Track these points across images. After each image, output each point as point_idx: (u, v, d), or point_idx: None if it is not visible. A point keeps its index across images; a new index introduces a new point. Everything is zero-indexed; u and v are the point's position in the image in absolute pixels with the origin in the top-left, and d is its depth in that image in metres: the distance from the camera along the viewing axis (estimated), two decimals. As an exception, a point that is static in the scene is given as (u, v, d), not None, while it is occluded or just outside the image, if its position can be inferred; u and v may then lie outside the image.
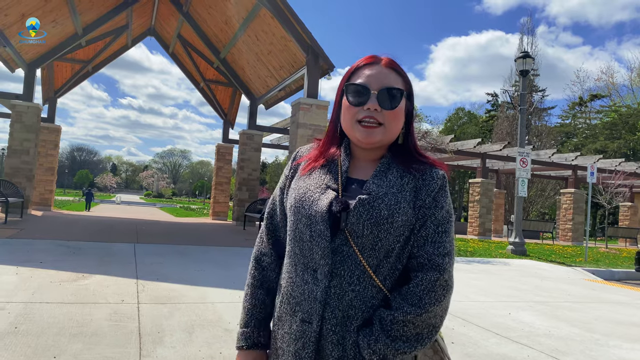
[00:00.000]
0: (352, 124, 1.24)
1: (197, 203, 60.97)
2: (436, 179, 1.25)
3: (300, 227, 1.24)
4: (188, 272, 6.38)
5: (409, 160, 1.27)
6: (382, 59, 1.27)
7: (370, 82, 1.23)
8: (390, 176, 1.24)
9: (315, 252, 1.21)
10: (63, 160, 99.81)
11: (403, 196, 1.21)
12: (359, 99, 1.23)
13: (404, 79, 1.28)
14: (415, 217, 1.21)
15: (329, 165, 1.31)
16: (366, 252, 1.18)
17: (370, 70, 1.25)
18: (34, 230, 9.79)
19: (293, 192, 1.30)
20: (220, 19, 13.91)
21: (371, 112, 1.21)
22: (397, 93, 1.23)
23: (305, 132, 10.67)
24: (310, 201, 1.24)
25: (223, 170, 19.29)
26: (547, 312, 5.66)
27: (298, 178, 1.34)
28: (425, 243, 1.20)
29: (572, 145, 43.05)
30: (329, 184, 1.26)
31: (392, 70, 1.26)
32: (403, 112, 1.26)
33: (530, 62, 13.17)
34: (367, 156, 1.29)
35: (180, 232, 12.35)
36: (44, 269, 5.81)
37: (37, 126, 13.61)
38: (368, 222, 1.17)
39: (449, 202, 1.26)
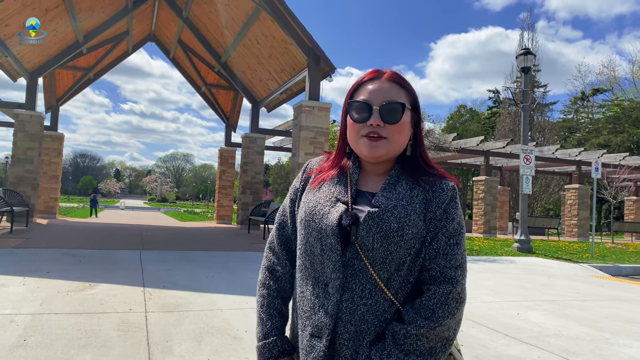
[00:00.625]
0: (357, 139, 1.25)
1: (201, 206, 61.05)
2: (446, 190, 1.25)
3: (310, 240, 1.24)
4: (195, 279, 6.38)
5: (418, 172, 1.28)
6: (384, 73, 1.28)
7: (372, 98, 1.23)
8: (400, 188, 1.24)
9: (326, 265, 1.21)
10: (66, 167, 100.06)
11: (413, 208, 1.21)
12: (361, 115, 1.24)
13: (408, 90, 1.28)
14: (426, 230, 1.21)
15: (339, 178, 1.31)
16: (377, 265, 1.18)
17: (372, 86, 1.26)
18: (40, 239, 9.81)
19: (303, 206, 1.31)
20: (220, 23, 13.92)
21: (374, 128, 1.22)
22: (398, 107, 1.23)
23: (308, 135, 10.66)
24: (321, 215, 1.24)
25: (226, 173, 19.30)
26: (556, 311, 5.63)
27: (308, 191, 1.34)
28: (437, 255, 1.20)
29: (575, 140, 42.93)
30: (338, 197, 1.26)
31: (394, 83, 1.27)
32: (408, 124, 1.26)
33: (531, 58, 13.13)
34: (376, 169, 1.30)
35: (186, 238, 12.36)
36: (51, 279, 5.82)
37: (41, 135, 13.64)
38: (378, 235, 1.17)
39: (459, 214, 1.26)
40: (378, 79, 1.27)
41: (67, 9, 11.86)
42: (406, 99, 1.26)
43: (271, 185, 74.94)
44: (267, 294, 1.35)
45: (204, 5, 13.74)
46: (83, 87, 17.96)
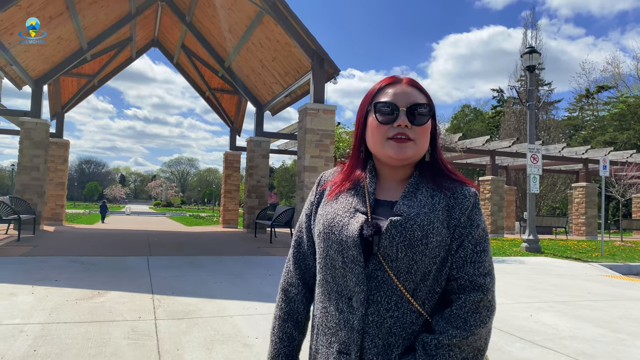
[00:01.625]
0: (382, 142, 1.22)
1: (207, 210, 61.11)
2: (469, 196, 1.22)
3: (331, 253, 1.21)
4: (203, 285, 6.35)
5: (438, 179, 1.25)
6: (402, 79, 1.27)
7: (398, 100, 1.21)
8: (420, 196, 1.21)
9: (349, 279, 1.17)
10: (72, 173, 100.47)
11: (436, 216, 1.17)
12: (388, 116, 1.21)
13: (427, 96, 1.26)
14: (450, 237, 1.18)
15: (355, 188, 1.28)
16: (402, 276, 1.14)
17: (394, 89, 1.24)
18: (47, 246, 9.81)
19: (321, 218, 1.28)
20: (224, 28, 13.92)
21: (402, 129, 1.19)
22: (425, 110, 1.22)
23: (313, 137, 10.63)
24: (340, 226, 1.21)
25: (232, 177, 19.29)
26: (569, 312, 5.56)
27: (325, 203, 1.31)
28: (465, 264, 1.17)
29: (581, 138, 42.71)
30: (357, 207, 1.23)
31: (415, 88, 1.26)
32: (429, 128, 1.24)
33: (536, 57, 13.06)
34: (394, 176, 1.27)
35: (193, 242, 12.34)
36: (60, 287, 5.80)
37: (46, 142, 13.67)
38: (402, 245, 1.13)
39: (483, 220, 1.23)
40: (398, 84, 1.26)
41: (71, 16, 11.89)
42: (427, 101, 1.25)
43: (276, 188, 74.93)
44: (278, 315, 1.35)
45: (207, 10, 13.75)
46: (87, 93, 18.01)
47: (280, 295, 1.37)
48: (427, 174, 1.25)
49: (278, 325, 1.33)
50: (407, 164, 1.24)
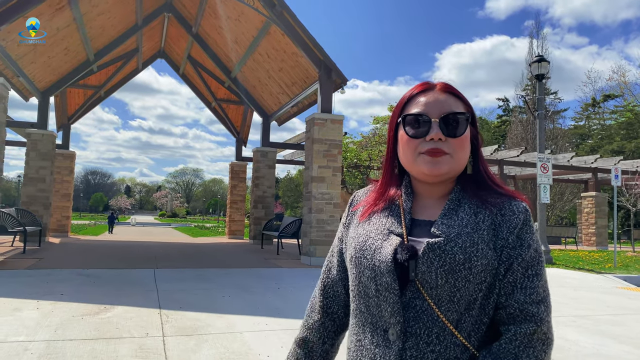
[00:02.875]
0: (414, 157, 1.09)
1: (212, 221, 61.04)
2: (517, 213, 1.07)
3: (363, 280, 1.08)
4: (211, 299, 6.20)
5: (482, 193, 1.11)
6: (436, 84, 1.14)
7: (429, 110, 1.09)
8: (462, 214, 1.07)
9: (384, 308, 1.04)
10: (78, 184, 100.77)
11: (480, 236, 1.03)
12: (419, 129, 1.08)
13: (464, 102, 1.13)
14: (497, 260, 1.04)
15: (390, 207, 1.16)
16: (443, 305, 1.01)
17: (426, 97, 1.11)
18: (53, 259, 9.70)
19: (352, 242, 1.15)
20: (230, 38, 13.89)
21: (435, 143, 1.06)
22: (461, 118, 1.09)
23: (321, 148, 10.53)
24: (373, 250, 1.08)
25: (237, 188, 19.18)
26: (590, 327, 5.38)
27: (357, 225, 1.19)
28: (515, 290, 1.02)
29: (588, 147, 42.45)
30: (391, 228, 1.10)
31: (450, 94, 1.12)
32: (468, 138, 1.11)
33: (545, 65, 12.94)
34: (433, 193, 1.14)
35: (199, 254, 12.21)
36: (65, 302, 5.67)
37: (52, 153, 13.63)
38: (441, 270, 1.00)
39: (536, 240, 1.08)
40: (431, 90, 1.12)
41: (78, 28, 11.89)
42: (464, 109, 1.12)
43: (281, 198, 74.82)
44: (295, 340, 1.27)
45: (213, 21, 13.74)
46: (94, 105, 18.03)
47: (303, 322, 1.27)
48: (470, 188, 1.11)
49: (292, 350, 1.26)
50: (442, 180, 1.11)
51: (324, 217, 10.35)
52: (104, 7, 12.24)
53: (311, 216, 10.32)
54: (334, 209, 10.50)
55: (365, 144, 16.28)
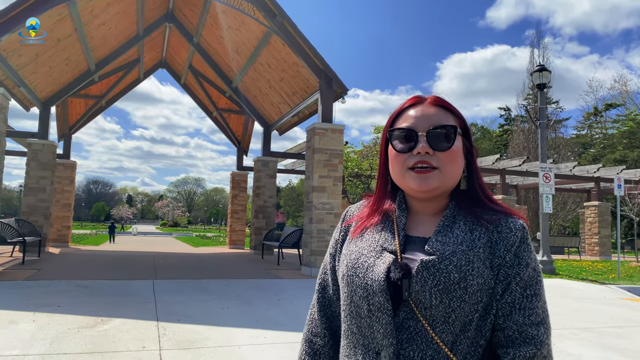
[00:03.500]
0: (402, 172, 1.07)
1: (213, 230, 60.93)
2: (515, 230, 1.03)
3: (355, 300, 1.04)
4: (210, 311, 6.13)
5: (478, 210, 1.07)
6: (426, 98, 1.12)
7: (417, 124, 1.06)
8: (457, 231, 1.03)
9: (376, 329, 0.99)
10: (79, 193, 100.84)
11: (475, 254, 0.99)
12: (406, 144, 1.06)
13: (456, 115, 1.10)
14: (494, 279, 1.00)
15: (384, 223, 1.12)
16: (438, 326, 0.96)
17: (414, 111, 1.09)
18: (52, 270, 9.64)
19: (344, 259, 1.11)
20: (231, 48, 13.92)
21: (423, 157, 1.04)
22: (449, 131, 1.05)
23: (322, 157, 10.49)
24: (365, 268, 1.04)
25: (238, 197, 19.12)
26: (594, 340, 5.29)
27: (349, 241, 1.15)
28: (513, 311, 0.98)
29: (590, 157, 42.34)
30: (384, 245, 1.07)
31: (440, 107, 1.09)
32: (461, 152, 1.07)
33: (547, 75, 12.92)
34: (427, 209, 1.10)
35: (199, 265, 12.14)
36: (62, 314, 5.61)
37: (53, 163, 13.62)
38: (436, 289, 0.96)
39: (534, 258, 1.03)
40: (420, 104, 1.10)
41: (79, 38, 11.92)
42: (455, 123, 1.08)
43: (282, 207, 74.72)
44: None
45: (214, 31, 13.78)
46: (95, 114, 18.04)
47: (304, 348, 1.20)
48: (465, 204, 1.08)
49: None
50: (435, 195, 1.07)
51: (324, 227, 10.29)
52: (105, 17, 12.28)
53: (312, 226, 10.26)
54: (335, 219, 10.43)
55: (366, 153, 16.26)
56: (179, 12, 14.53)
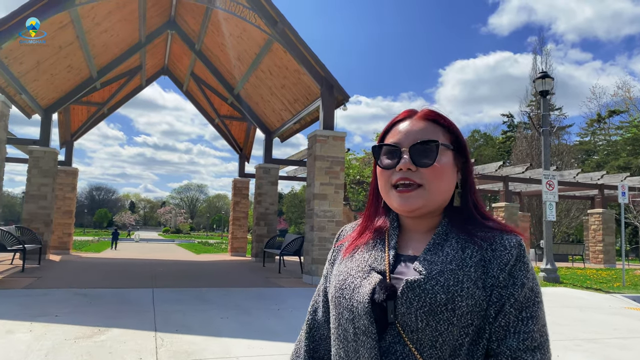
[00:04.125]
0: (387, 190, 1.03)
1: (215, 237, 60.91)
2: (509, 248, 0.97)
3: (342, 322, 0.99)
4: (208, 320, 6.06)
5: (471, 227, 1.01)
6: (417, 112, 1.07)
7: (402, 139, 1.03)
8: (448, 249, 0.98)
9: (362, 354, 0.94)
10: (82, 200, 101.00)
11: (466, 273, 0.93)
12: (390, 160, 1.03)
13: (448, 128, 1.05)
14: (487, 301, 0.93)
15: (375, 242, 1.07)
16: (425, 351, 0.90)
17: (403, 126, 1.05)
18: (51, 278, 9.59)
19: (334, 280, 1.07)
20: (233, 56, 13.92)
21: (405, 173, 0.99)
22: (431, 145, 1.00)
23: (323, 164, 10.44)
24: (352, 289, 0.99)
25: (240, 204, 19.08)
26: (597, 352, 5.19)
27: (340, 262, 1.10)
28: (507, 335, 0.92)
29: (594, 163, 42.18)
30: (373, 265, 1.02)
31: (429, 121, 1.04)
32: (450, 167, 1.02)
33: (549, 82, 12.86)
34: (419, 226, 1.05)
35: (200, 273, 12.07)
36: (59, 324, 5.55)
37: (54, 170, 13.62)
38: (421, 311, 0.90)
39: (531, 277, 0.97)
40: (410, 118, 1.06)
41: (81, 46, 11.94)
42: (444, 138, 1.03)
43: (285, 214, 74.65)
44: None
45: (216, 38, 13.79)
46: (97, 121, 18.06)
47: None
48: (458, 221, 1.02)
49: None
50: (422, 214, 1.01)
51: (326, 235, 10.22)
52: (107, 25, 12.31)
53: (313, 234, 10.19)
54: (337, 226, 10.36)
55: (368, 160, 16.20)
56: (181, 19, 14.56)
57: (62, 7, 9.32)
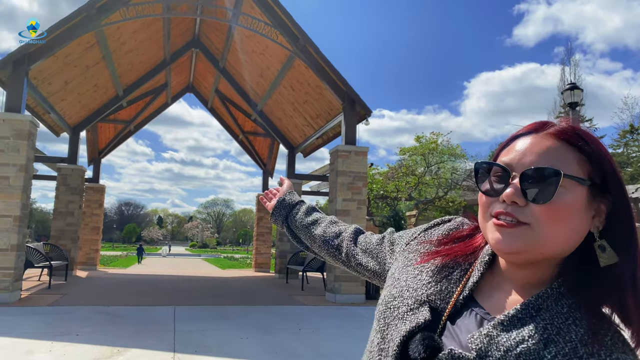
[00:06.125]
0: (484, 220, 0.78)
1: (241, 252, 61.14)
2: None
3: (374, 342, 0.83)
4: (228, 341, 5.96)
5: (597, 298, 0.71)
6: (549, 125, 0.77)
7: (515, 161, 0.75)
8: (540, 324, 0.70)
9: None
10: (112, 215, 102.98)
11: None
12: (494, 186, 0.77)
13: (587, 154, 0.74)
14: None
15: (457, 265, 0.85)
16: None
17: (523, 144, 0.77)
18: (76, 295, 9.66)
19: (390, 281, 0.89)
20: (256, 73, 14.01)
21: (508, 206, 0.73)
22: (551, 175, 0.71)
23: (345, 180, 10.32)
24: (393, 315, 0.81)
25: (264, 220, 19.06)
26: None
27: (408, 262, 0.90)
28: None
29: (628, 176, 40.89)
30: (433, 296, 0.81)
31: (562, 141, 0.74)
32: (576, 209, 0.72)
33: (578, 93, 12.52)
34: (516, 275, 0.78)
35: (222, 290, 12.02)
36: (79, 343, 5.53)
37: (81, 187, 13.84)
38: None
39: None
40: (536, 133, 0.77)
41: (107, 65, 12.17)
42: (579, 167, 0.73)
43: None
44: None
45: (239, 56, 13.90)
46: (124, 139, 18.36)
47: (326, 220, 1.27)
48: (581, 283, 0.73)
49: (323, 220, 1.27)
50: (520, 260, 0.75)
51: (348, 251, 10.04)
52: (133, 44, 12.54)
53: (336, 251, 10.02)
54: (359, 243, 10.18)
55: (391, 175, 16.00)
56: (205, 37, 14.75)
57: (89, 28, 9.52)
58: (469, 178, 13.96)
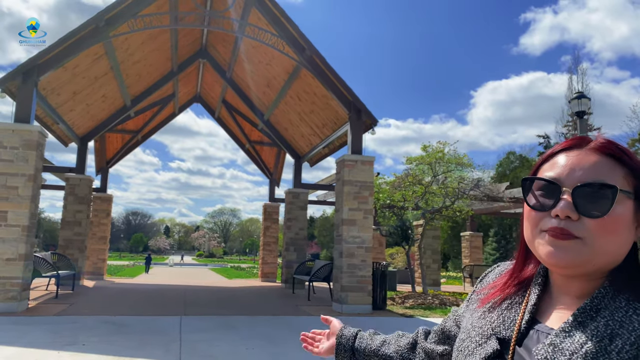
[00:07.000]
0: (533, 236, 0.80)
1: (248, 261, 61.13)
2: None
3: None
4: (234, 351, 5.94)
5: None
6: (590, 141, 0.81)
7: (564, 176, 0.77)
8: (600, 322, 0.72)
9: None
10: (119, 224, 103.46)
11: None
12: (543, 200, 0.78)
13: (632, 169, 0.78)
14: None
15: (514, 297, 0.87)
16: None
17: (567, 158, 0.79)
18: (83, 304, 9.69)
19: (461, 332, 0.94)
20: (262, 83, 14.09)
21: (561, 221, 0.75)
22: (605, 190, 0.74)
23: (352, 189, 10.31)
24: (464, 355, 0.86)
25: (270, 229, 19.07)
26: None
27: (473, 311, 0.94)
28: None
29: (636, 184, 40.60)
30: (498, 328, 0.83)
31: (607, 156, 0.78)
32: (626, 222, 0.75)
33: (586, 102, 12.45)
34: (570, 288, 0.80)
35: (229, 300, 12.00)
36: (85, 354, 5.53)
37: (89, 197, 13.93)
38: None
39: None
40: (578, 148, 0.80)
41: (115, 76, 12.29)
42: (625, 182, 0.76)
43: (317, 238, 74.38)
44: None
45: (246, 66, 13.99)
46: (131, 148, 18.49)
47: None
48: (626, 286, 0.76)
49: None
50: (575, 273, 0.78)
51: (355, 261, 10.02)
52: (140, 55, 12.66)
53: (342, 260, 10.01)
54: (366, 253, 10.16)
55: (398, 184, 15.97)
56: (212, 48, 14.87)
57: (98, 40, 9.62)
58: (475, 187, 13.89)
